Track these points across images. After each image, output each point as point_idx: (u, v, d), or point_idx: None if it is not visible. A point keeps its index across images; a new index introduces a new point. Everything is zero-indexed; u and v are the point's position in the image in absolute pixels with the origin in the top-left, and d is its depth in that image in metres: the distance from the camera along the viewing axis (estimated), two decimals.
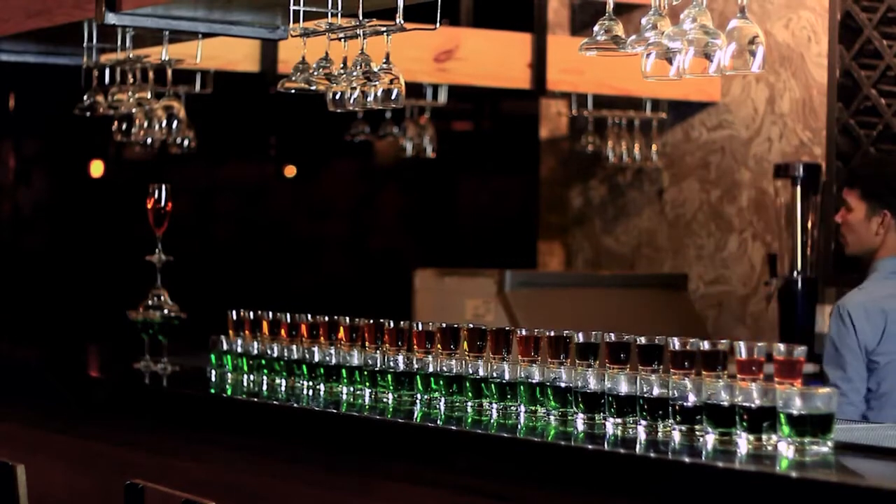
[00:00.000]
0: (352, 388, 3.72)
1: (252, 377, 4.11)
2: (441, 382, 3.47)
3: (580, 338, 3.24)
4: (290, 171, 10.82)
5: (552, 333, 3.31)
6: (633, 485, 2.79)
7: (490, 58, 6.68)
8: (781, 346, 2.92)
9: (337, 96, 3.83)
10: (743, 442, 2.81)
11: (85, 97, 4.96)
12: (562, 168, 7.73)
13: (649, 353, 3.12)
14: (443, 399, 3.46)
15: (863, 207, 4.76)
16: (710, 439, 2.86)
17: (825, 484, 2.53)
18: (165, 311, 4.52)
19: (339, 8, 3.78)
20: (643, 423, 3.00)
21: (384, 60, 3.76)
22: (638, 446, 2.90)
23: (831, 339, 4.65)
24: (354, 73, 3.76)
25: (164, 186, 4.50)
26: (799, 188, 6.29)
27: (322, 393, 3.80)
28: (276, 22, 4.43)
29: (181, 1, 4.17)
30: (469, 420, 3.29)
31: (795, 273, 6.27)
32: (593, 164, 7.50)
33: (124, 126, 5.09)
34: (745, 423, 2.81)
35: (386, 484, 3.38)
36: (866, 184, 4.77)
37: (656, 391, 2.98)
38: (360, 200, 10.68)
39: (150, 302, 4.54)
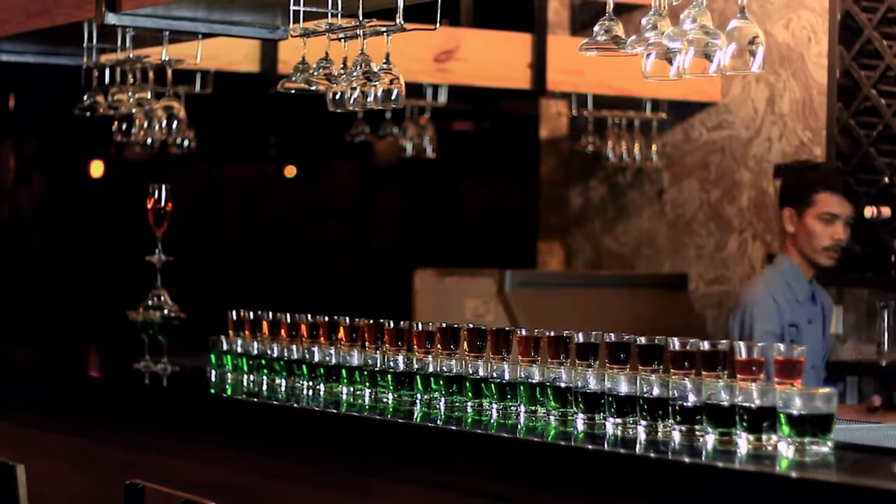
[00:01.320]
0: (352, 389, 3.72)
1: (252, 377, 4.11)
2: (441, 382, 3.47)
3: (580, 338, 3.24)
4: (290, 171, 10.82)
5: (552, 333, 3.31)
6: (633, 485, 2.79)
7: (490, 58, 6.69)
8: (781, 346, 2.92)
9: (337, 96, 3.83)
10: (743, 442, 2.81)
11: (85, 97, 4.96)
12: (562, 168, 7.73)
13: (649, 353, 3.12)
14: (443, 399, 3.46)
15: None
16: (710, 439, 2.86)
17: (825, 484, 2.53)
18: (165, 311, 4.52)
19: (339, 8, 3.78)
20: (643, 423, 3.00)
21: (384, 60, 3.76)
22: (638, 446, 2.90)
23: None
24: (354, 74, 3.76)
25: (164, 186, 4.50)
26: None
27: (322, 393, 3.80)
28: (276, 22, 4.43)
29: (181, 1, 4.17)
30: (469, 420, 3.29)
31: None
32: (593, 164, 7.50)
33: (124, 126, 5.09)
34: (745, 423, 2.81)
35: (386, 484, 3.38)
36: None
37: (656, 391, 2.98)
38: (360, 200, 10.68)
39: (150, 302, 4.54)
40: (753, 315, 4.98)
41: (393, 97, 3.75)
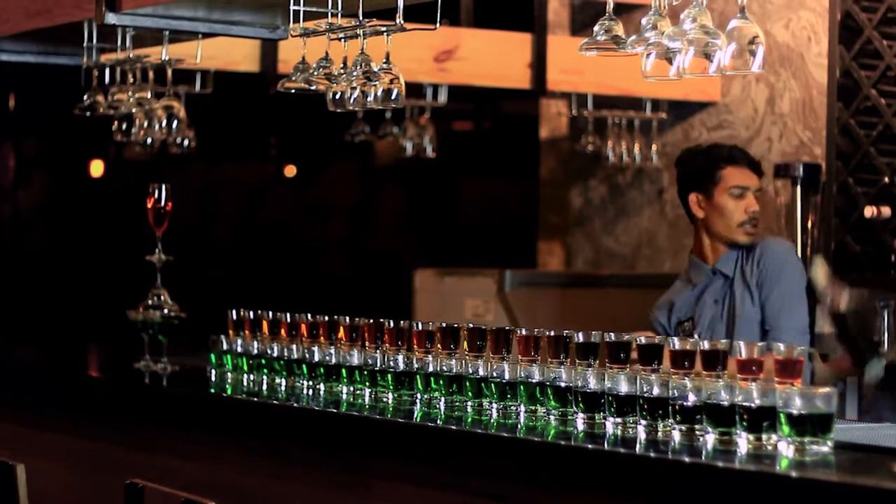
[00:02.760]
0: (352, 388, 3.72)
1: (252, 377, 4.11)
2: (441, 382, 3.47)
3: (580, 338, 3.24)
4: (290, 171, 10.82)
5: (552, 333, 3.31)
6: (633, 484, 2.79)
7: (490, 58, 6.68)
8: (781, 346, 2.92)
9: (337, 96, 3.83)
10: (743, 442, 2.81)
11: (85, 97, 4.96)
12: (562, 168, 7.73)
13: (649, 352, 3.12)
14: (443, 399, 3.46)
15: None
16: (709, 439, 2.86)
17: (825, 484, 2.53)
18: (165, 311, 4.52)
19: (339, 8, 3.78)
20: (643, 422, 3.00)
21: (384, 60, 3.76)
22: (638, 446, 2.90)
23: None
24: (354, 73, 3.76)
25: (164, 186, 4.50)
26: (799, 188, 6.29)
27: (322, 393, 3.80)
28: (276, 22, 4.43)
29: (181, 1, 4.17)
30: (469, 420, 3.29)
31: None
32: (593, 164, 7.50)
33: (124, 126, 5.09)
34: (744, 423, 2.81)
35: (386, 484, 3.38)
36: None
37: (656, 391, 2.98)
38: (360, 200, 10.68)
39: (149, 301, 4.54)
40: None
41: (393, 97, 3.75)
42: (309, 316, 3.99)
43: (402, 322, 3.68)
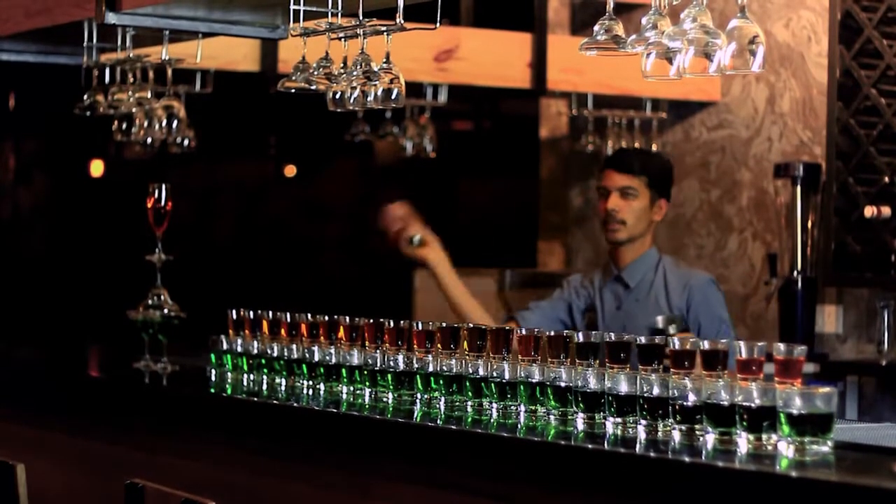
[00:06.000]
0: (352, 388, 3.72)
1: (252, 377, 4.11)
2: (441, 382, 3.47)
3: (580, 337, 3.24)
4: (290, 171, 10.82)
5: (552, 333, 3.31)
6: (633, 485, 2.79)
7: (490, 58, 6.69)
8: (781, 346, 2.92)
9: (337, 96, 3.83)
10: (743, 441, 2.81)
11: (85, 97, 4.96)
12: (562, 168, 7.73)
13: (649, 352, 3.12)
14: (443, 398, 3.46)
15: (647, 195, 4.96)
16: (709, 439, 2.86)
17: (825, 483, 2.53)
18: (165, 311, 4.52)
19: (340, 7, 3.78)
20: (643, 422, 3.00)
21: (384, 60, 3.75)
22: (638, 446, 2.90)
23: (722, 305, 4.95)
24: (354, 73, 3.76)
25: (164, 186, 4.50)
26: (799, 188, 6.29)
27: (322, 392, 3.80)
28: (277, 21, 4.43)
29: (181, 0, 4.17)
30: (469, 420, 3.29)
31: (795, 273, 6.27)
32: (593, 164, 7.50)
33: (124, 126, 5.08)
34: (744, 423, 2.81)
35: (386, 484, 3.38)
36: (654, 174, 5.00)
37: (656, 391, 2.98)
38: (360, 200, 10.68)
39: (149, 301, 4.53)
40: None
41: (393, 97, 3.75)
42: (309, 316, 3.99)
43: (402, 322, 3.68)
